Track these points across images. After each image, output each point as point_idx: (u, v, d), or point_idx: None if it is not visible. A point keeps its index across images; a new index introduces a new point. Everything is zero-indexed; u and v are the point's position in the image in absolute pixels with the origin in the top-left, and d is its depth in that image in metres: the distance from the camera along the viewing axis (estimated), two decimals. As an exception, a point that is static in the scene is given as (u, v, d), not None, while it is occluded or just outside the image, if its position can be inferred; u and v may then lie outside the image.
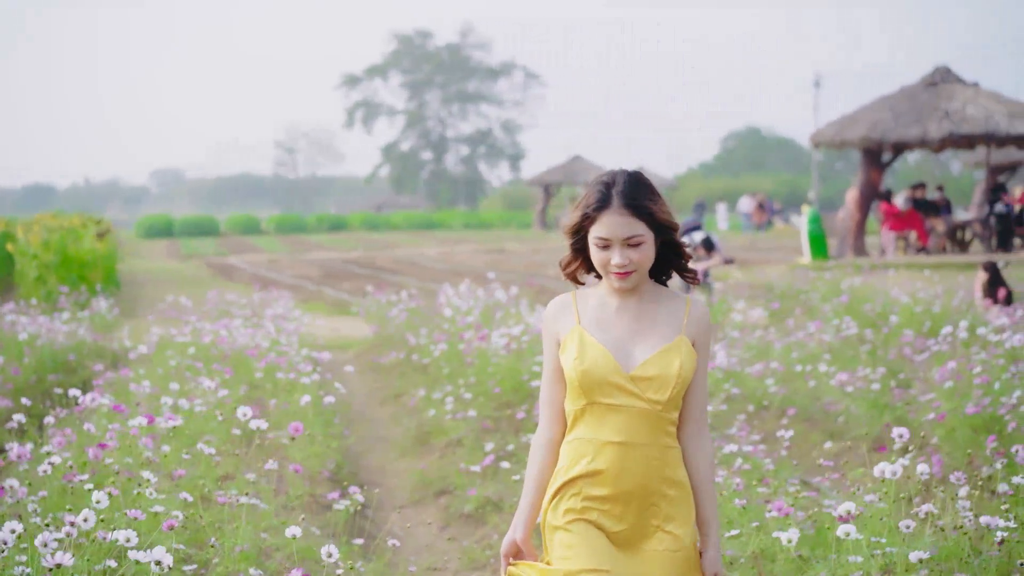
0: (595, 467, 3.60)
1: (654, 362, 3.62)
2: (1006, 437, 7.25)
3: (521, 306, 13.32)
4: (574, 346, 3.64)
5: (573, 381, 3.63)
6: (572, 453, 3.66)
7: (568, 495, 3.63)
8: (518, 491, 7.69)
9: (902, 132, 26.29)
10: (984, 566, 4.95)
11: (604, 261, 3.65)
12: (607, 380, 3.60)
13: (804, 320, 13.98)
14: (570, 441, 3.68)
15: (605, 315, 3.71)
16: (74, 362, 12.28)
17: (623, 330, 3.68)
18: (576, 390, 3.64)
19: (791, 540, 4.89)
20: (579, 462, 3.62)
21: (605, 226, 3.61)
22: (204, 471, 6.51)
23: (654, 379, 3.60)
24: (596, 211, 3.63)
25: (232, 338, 11.52)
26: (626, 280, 3.65)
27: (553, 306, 3.78)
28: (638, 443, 3.61)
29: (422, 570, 6.82)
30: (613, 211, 3.61)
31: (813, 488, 7.22)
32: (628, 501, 3.60)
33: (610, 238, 3.61)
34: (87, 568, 4.47)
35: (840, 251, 27.16)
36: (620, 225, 3.60)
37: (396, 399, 12.00)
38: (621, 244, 3.61)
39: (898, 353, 11.37)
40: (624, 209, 3.60)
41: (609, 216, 3.61)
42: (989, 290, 13.65)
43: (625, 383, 3.60)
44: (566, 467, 3.65)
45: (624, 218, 3.60)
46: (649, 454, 3.62)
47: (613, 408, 3.61)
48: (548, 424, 3.75)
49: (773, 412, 9.75)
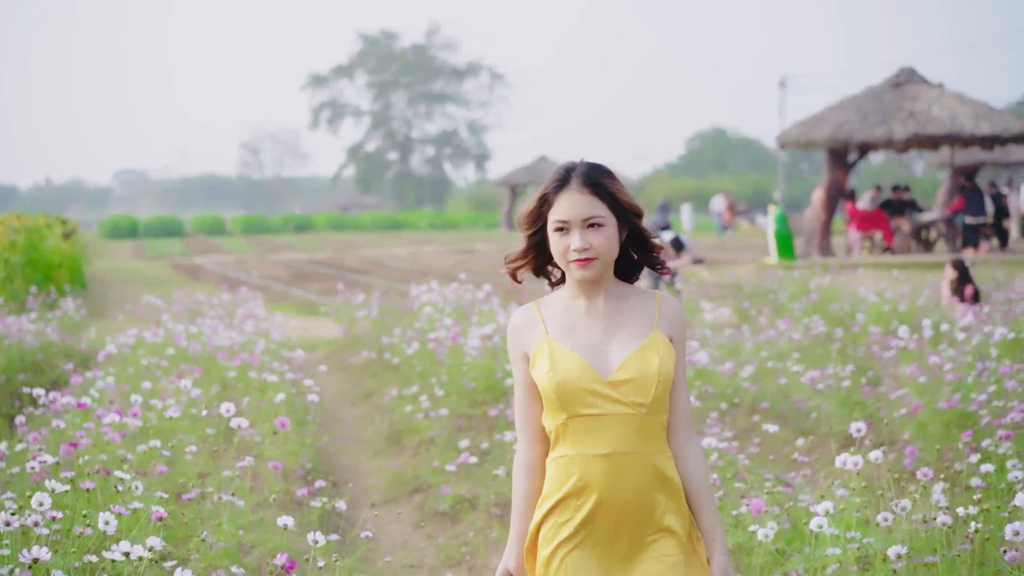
0: (583, 484, 3.37)
1: (631, 363, 3.39)
2: (979, 432, 7.31)
3: (493, 304, 13.35)
4: (545, 359, 3.41)
5: (549, 395, 3.39)
6: (558, 472, 3.42)
7: (557, 523, 3.40)
8: (493, 488, 7.72)
9: (868, 132, 26.45)
10: (959, 559, 4.99)
11: (563, 249, 3.40)
12: (585, 389, 3.37)
13: (773, 319, 14.06)
14: (554, 460, 3.44)
15: (573, 320, 3.47)
16: (43, 362, 12.21)
17: (594, 334, 3.45)
18: (554, 405, 3.40)
19: (767, 536, 4.93)
20: (566, 482, 3.39)
21: (563, 206, 3.39)
22: (180, 469, 6.50)
23: (634, 381, 3.38)
24: (555, 192, 3.42)
25: (203, 338, 11.48)
26: (587, 267, 3.40)
27: (516, 320, 3.53)
28: (627, 451, 3.38)
29: (398, 567, 6.82)
30: (572, 190, 3.40)
31: (786, 484, 7.27)
32: (621, 516, 3.37)
33: (568, 219, 3.38)
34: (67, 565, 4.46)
35: (806, 251, 27.30)
36: (579, 204, 3.38)
37: (367, 399, 11.98)
38: (581, 225, 3.38)
39: (866, 351, 11.46)
40: (584, 187, 3.40)
41: (567, 195, 3.40)
42: (958, 288, 13.75)
43: (605, 389, 3.37)
44: (553, 489, 3.42)
45: (584, 196, 3.39)
46: (641, 461, 3.39)
47: (596, 419, 3.38)
48: (528, 445, 3.52)
49: (744, 410, 9.80)
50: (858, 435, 5.36)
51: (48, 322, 14.23)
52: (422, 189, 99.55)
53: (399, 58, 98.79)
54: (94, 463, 5.77)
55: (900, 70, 27.98)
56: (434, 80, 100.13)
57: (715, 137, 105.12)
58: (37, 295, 16.44)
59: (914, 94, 27.20)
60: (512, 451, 8.01)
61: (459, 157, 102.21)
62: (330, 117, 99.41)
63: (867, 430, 5.48)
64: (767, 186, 72.52)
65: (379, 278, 26.40)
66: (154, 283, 25.92)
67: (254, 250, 42.78)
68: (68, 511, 4.80)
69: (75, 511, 4.88)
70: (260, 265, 33.28)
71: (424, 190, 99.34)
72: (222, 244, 48.13)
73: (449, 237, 51.71)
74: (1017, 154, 36.63)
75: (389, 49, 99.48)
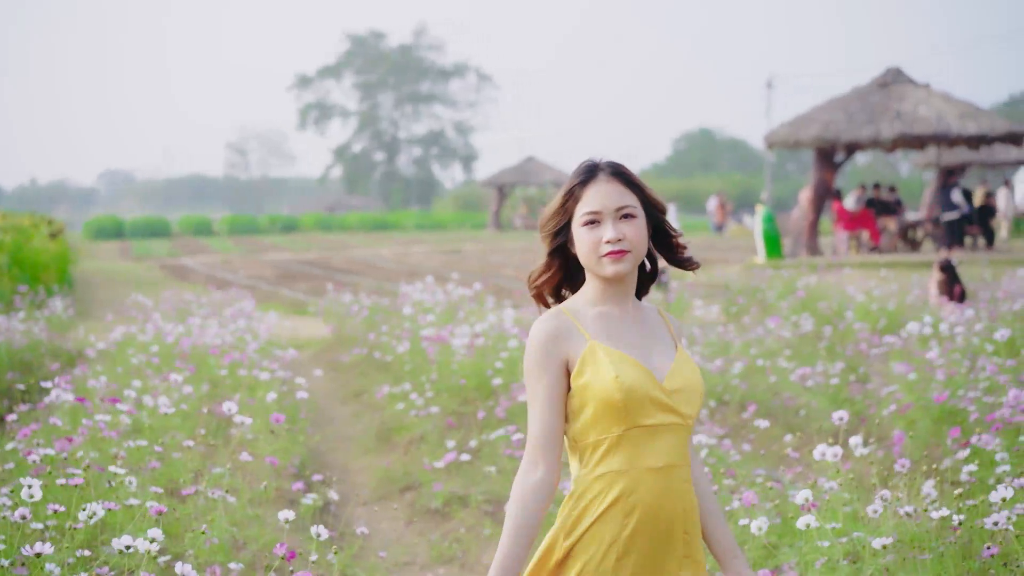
0: (634, 501, 3.10)
1: (678, 373, 3.20)
2: (968, 428, 7.35)
3: (488, 303, 13.37)
4: (603, 364, 3.11)
5: (613, 404, 3.09)
6: (603, 489, 3.12)
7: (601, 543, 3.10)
8: (484, 486, 7.74)
9: (855, 132, 26.54)
10: (946, 553, 5.02)
11: (594, 243, 3.16)
12: (649, 396, 3.12)
13: (762, 317, 14.10)
14: (600, 476, 3.13)
15: (611, 326, 3.20)
16: (31, 361, 12.18)
17: (636, 340, 3.21)
18: (613, 414, 3.10)
19: (761, 528, 4.95)
20: (607, 499, 3.11)
21: (593, 197, 3.18)
22: (172, 466, 6.50)
23: (683, 391, 3.17)
24: (582, 185, 3.21)
25: (193, 336, 11.48)
26: (621, 260, 3.16)
27: (549, 326, 3.17)
28: (676, 465, 3.17)
29: (390, 564, 6.83)
30: (601, 181, 3.20)
31: (777, 480, 7.29)
32: (665, 535, 3.14)
33: (600, 210, 3.16)
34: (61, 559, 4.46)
35: (794, 250, 27.38)
36: (610, 193, 3.18)
37: (357, 397, 11.98)
38: (613, 216, 3.17)
39: (855, 349, 11.50)
40: (612, 178, 3.20)
41: (596, 186, 3.19)
42: (946, 288, 13.83)
43: (664, 398, 3.15)
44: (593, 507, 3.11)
45: (614, 186, 3.19)
46: (683, 476, 3.19)
47: (653, 429, 3.14)
48: (550, 468, 3.14)
49: (734, 407, 9.82)
50: (840, 423, 5.38)
51: (36, 321, 14.20)
52: (409, 190, 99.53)
53: (386, 58, 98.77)
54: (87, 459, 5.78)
55: (887, 70, 28.10)
56: (421, 80, 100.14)
57: (701, 138, 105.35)
58: (26, 295, 16.41)
59: (901, 94, 27.32)
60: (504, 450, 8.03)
61: (446, 158, 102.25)
62: (317, 118, 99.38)
63: (849, 419, 5.49)
64: (753, 187, 72.66)
65: (367, 278, 26.38)
66: (141, 283, 25.85)
67: (241, 250, 42.72)
68: (62, 506, 4.79)
69: (68, 506, 4.88)
70: (247, 265, 33.24)
71: (411, 191, 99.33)
72: (209, 245, 48.06)
73: (436, 238, 51.69)
74: (1003, 154, 36.75)
75: (376, 49, 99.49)
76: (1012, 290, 14.17)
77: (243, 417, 5.89)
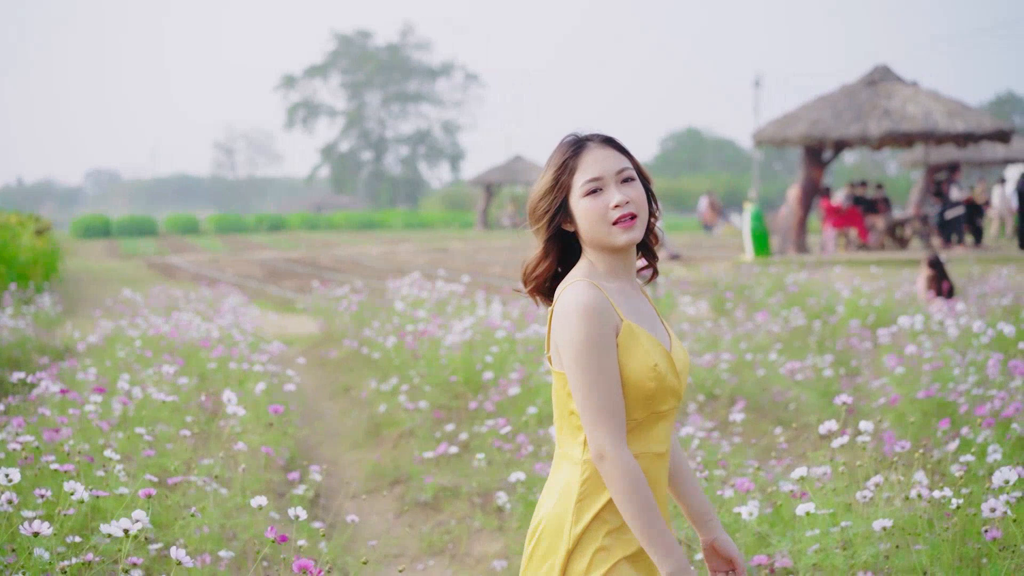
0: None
1: (681, 355, 3.11)
2: (957, 420, 7.37)
3: (478, 298, 13.37)
4: (642, 346, 2.99)
5: (644, 391, 2.98)
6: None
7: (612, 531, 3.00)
8: (474, 478, 7.72)
9: (843, 130, 26.57)
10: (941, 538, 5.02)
11: (601, 210, 3.01)
12: (671, 386, 3.04)
13: (750, 313, 14.12)
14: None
15: (630, 304, 3.06)
16: (20, 357, 12.16)
17: (650, 322, 3.09)
18: (643, 399, 3.00)
19: (751, 513, 4.95)
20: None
21: (592, 164, 3.04)
22: (163, 456, 6.48)
23: (683, 373, 3.09)
24: (575, 156, 3.06)
25: (182, 330, 11.45)
26: (633, 226, 3.03)
27: (592, 298, 2.97)
28: (670, 448, 3.12)
29: (381, 555, 6.82)
30: (594, 148, 3.07)
31: (767, 471, 7.30)
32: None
33: (602, 175, 3.02)
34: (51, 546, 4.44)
35: (782, 248, 27.41)
36: (608, 157, 3.05)
37: (345, 392, 11.96)
38: (615, 179, 3.04)
39: (845, 343, 11.53)
40: (605, 144, 3.07)
41: (591, 153, 3.05)
42: (934, 284, 13.89)
43: (678, 385, 3.06)
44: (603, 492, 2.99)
45: (609, 151, 3.06)
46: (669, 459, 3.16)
47: (661, 415, 3.05)
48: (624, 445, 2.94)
49: (723, 401, 9.83)
50: (842, 405, 5.39)
51: (24, 317, 14.16)
52: (396, 189, 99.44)
53: (373, 58, 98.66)
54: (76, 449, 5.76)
55: (875, 68, 28.13)
56: (408, 80, 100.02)
57: (689, 137, 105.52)
58: (15, 292, 16.36)
59: (888, 92, 27.35)
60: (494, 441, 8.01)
61: (433, 157, 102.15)
62: (304, 117, 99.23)
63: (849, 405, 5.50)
64: (740, 186, 72.78)
65: (354, 276, 26.34)
66: (129, 281, 25.77)
67: (228, 249, 42.62)
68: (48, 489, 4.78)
69: (57, 496, 4.86)
70: (235, 264, 33.17)
71: (398, 190, 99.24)
72: (196, 243, 47.94)
73: (423, 236, 51.65)
74: (991, 152, 36.86)
75: (363, 48, 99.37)
76: (999, 286, 14.24)
77: (236, 408, 5.86)
